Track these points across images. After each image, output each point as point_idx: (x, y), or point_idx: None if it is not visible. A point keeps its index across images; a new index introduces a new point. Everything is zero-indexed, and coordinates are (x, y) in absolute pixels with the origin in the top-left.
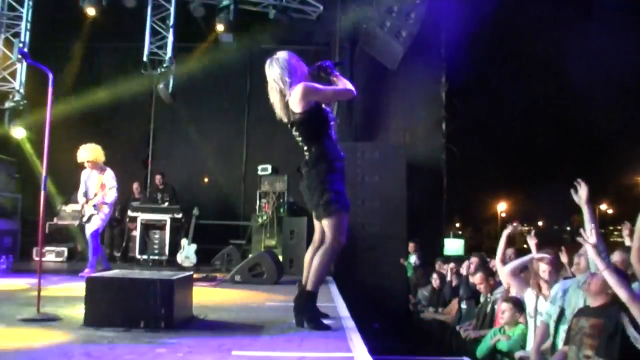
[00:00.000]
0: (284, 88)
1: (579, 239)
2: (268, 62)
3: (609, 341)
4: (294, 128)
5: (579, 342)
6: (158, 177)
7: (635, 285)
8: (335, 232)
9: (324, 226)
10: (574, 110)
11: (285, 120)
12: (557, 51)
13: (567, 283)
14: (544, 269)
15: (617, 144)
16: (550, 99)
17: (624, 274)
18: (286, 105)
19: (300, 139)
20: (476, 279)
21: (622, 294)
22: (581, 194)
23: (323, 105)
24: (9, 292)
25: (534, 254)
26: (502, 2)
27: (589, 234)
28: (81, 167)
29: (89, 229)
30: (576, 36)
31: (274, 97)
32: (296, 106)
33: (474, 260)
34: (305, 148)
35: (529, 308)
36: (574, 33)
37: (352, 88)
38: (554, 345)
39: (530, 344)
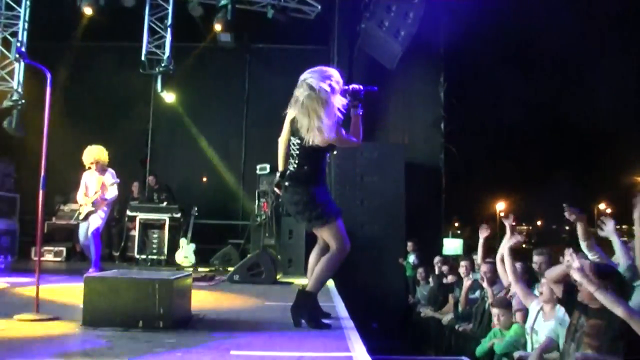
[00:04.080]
0: (314, 122)
1: (564, 266)
2: (305, 84)
3: (612, 342)
4: (300, 144)
5: (578, 340)
6: (151, 178)
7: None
8: (336, 240)
9: (323, 237)
10: (573, 109)
11: (303, 134)
12: (557, 50)
13: None
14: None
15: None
16: (550, 98)
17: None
18: (309, 128)
19: (297, 153)
20: (483, 267)
21: (619, 312)
22: (608, 230)
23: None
24: (8, 292)
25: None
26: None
27: (571, 258)
28: (81, 166)
29: (90, 228)
30: (575, 35)
31: (301, 118)
32: (318, 140)
33: (465, 263)
34: (297, 162)
35: (529, 322)
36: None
37: (360, 139)
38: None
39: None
